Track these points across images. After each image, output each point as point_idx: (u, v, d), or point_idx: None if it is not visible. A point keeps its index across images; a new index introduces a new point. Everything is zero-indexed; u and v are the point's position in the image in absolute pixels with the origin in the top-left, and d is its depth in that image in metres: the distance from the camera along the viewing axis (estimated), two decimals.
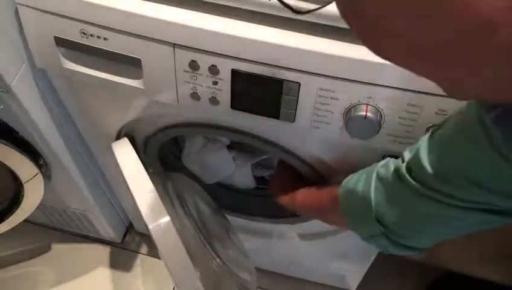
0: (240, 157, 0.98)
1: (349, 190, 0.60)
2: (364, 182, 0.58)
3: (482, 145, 0.39)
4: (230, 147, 0.97)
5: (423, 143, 0.50)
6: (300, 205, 0.77)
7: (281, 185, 0.85)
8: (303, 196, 0.76)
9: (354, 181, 0.60)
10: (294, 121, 0.66)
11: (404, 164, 0.52)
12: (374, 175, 0.57)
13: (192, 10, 0.61)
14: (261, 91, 0.64)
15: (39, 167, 0.93)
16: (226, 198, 1.05)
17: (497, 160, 0.38)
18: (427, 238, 0.55)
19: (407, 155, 0.53)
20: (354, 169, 0.62)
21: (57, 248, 1.35)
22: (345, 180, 0.63)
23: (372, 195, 0.56)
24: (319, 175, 0.79)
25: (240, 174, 1.00)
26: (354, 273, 1.15)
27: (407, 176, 0.50)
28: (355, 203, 0.59)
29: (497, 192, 0.42)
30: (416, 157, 0.50)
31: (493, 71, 0.24)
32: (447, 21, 0.23)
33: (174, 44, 0.62)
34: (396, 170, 0.53)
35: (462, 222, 0.49)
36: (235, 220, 1.07)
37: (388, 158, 0.58)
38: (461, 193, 0.45)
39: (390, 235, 0.56)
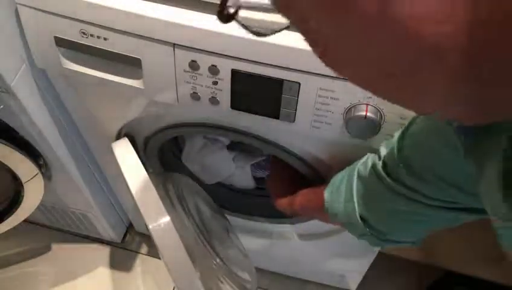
0: (239, 158, 0.98)
1: (333, 192, 0.61)
2: (347, 183, 0.58)
3: (456, 147, 0.39)
4: (229, 148, 0.97)
5: (398, 139, 0.50)
6: (299, 209, 0.77)
7: (278, 189, 0.84)
8: (300, 199, 0.76)
9: (338, 182, 0.61)
10: (294, 121, 0.66)
11: (381, 161, 0.52)
12: (355, 174, 0.57)
13: (192, 10, 0.61)
14: (261, 91, 0.64)
15: (39, 167, 0.93)
16: (226, 198, 1.05)
17: (467, 164, 0.38)
18: (406, 234, 0.56)
19: (383, 151, 0.53)
20: None
21: (57, 248, 1.35)
22: (331, 181, 0.63)
23: (355, 196, 0.56)
24: (319, 175, 0.79)
25: (240, 174, 0.99)
26: (354, 273, 1.15)
27: (382, 172, 0.51)
28: (339, 206, 0.59)
29: (465, 191, 0.43)
30: (391, 153, 0.50)
31: (444, 95, 0.24)
32: (395, 45, 0.23)
33: (174, 44, 0.62)
34: (374, 166, 0.53)
35: (428, 218, 0.50)
36: (235, 220, 1.07)
37: (368, 154, 0.58)
38: (433, 190, 0.46)
39: (376, 233, 0.57)
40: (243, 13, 0.32)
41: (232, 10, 0.30)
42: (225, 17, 0.30)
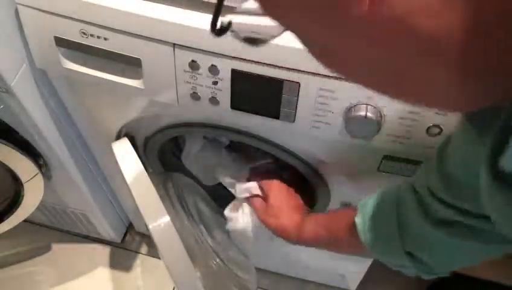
0: (238, 160, 0.98)
1: (365, 220, 0.57)
2: (388, 212, 0.54)
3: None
4: (228, 150, 0.97)
5: (438, 150, 0.47)
6: (310, 238, 0.72)
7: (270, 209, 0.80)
8: (313, 228, 0.70)
9: (370, 209, 0.56)
10: (294, 121, 0.66)
11: (426, 191, 0.48)
12: (395, 205, 0.53)
13: (192, 10, 0.61)
14: (261, 91, 0.64)
15: (39, 167, 0.93)
16: (226, 198, 1.05)
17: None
18: (452, 265, 0.54)
19: (422, 180, 0.49)
20: (353, 169, 0.62)
21: (57, 248, 1.35)
22: (360, 205, 0.58)
23: (398, 230, 0.52)
24: (319, 175, 0.79)
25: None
26: (354, 273, 1.15)
27: (433, 201, 0.47)
28: (378, 236, 0.56)
29: None
30: (430, 169, 0.47)
31: (444, 86, 0.25)
32: (393, 42, 0.23)
33: (174, 44, 0.62)
34: (419, 203, 0.49)
35: (472, 245, 0.47)
36: None
37: (406, 184, 0.53)
38: (471, 204, 0.43)
39: (422, 266, 0.54)
40: (238, 19, 0.33)
41: (225, 22, 0.31)
42: (218, 30, 0.31)
